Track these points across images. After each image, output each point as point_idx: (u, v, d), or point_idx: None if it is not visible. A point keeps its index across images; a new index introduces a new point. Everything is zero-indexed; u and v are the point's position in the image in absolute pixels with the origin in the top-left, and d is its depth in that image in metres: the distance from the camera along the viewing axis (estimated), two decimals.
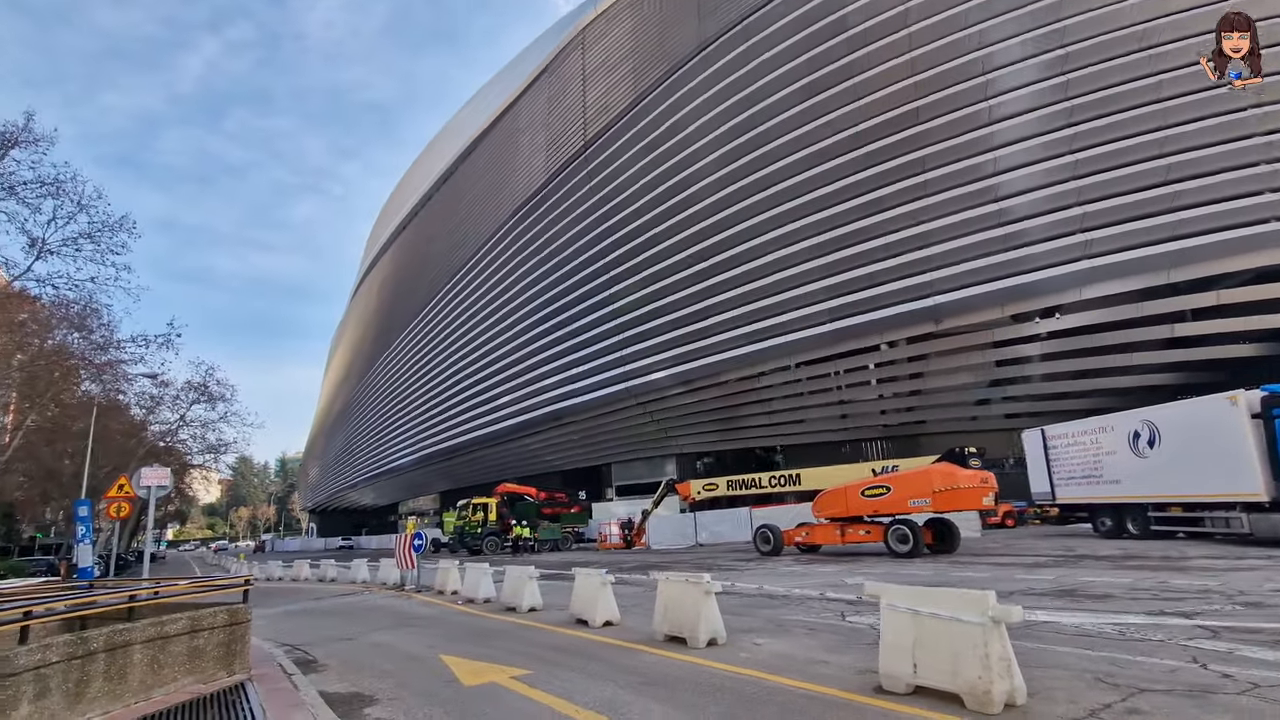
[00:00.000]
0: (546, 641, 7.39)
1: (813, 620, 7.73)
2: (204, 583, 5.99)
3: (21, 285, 23.10)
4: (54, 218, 22.62)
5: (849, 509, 17.09)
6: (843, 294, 29.60)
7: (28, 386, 34.71)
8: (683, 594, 6.75)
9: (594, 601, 8.21)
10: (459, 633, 8.56)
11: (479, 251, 53.01)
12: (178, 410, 37.53)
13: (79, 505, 15.21)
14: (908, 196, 27.60)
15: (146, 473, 10.83)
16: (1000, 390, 31.12)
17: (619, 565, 19.42)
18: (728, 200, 33.38)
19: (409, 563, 15.22)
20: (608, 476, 48.89)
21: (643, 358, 37.98)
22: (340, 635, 9.06)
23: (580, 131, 42.01)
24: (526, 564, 11.73)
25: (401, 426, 66.54)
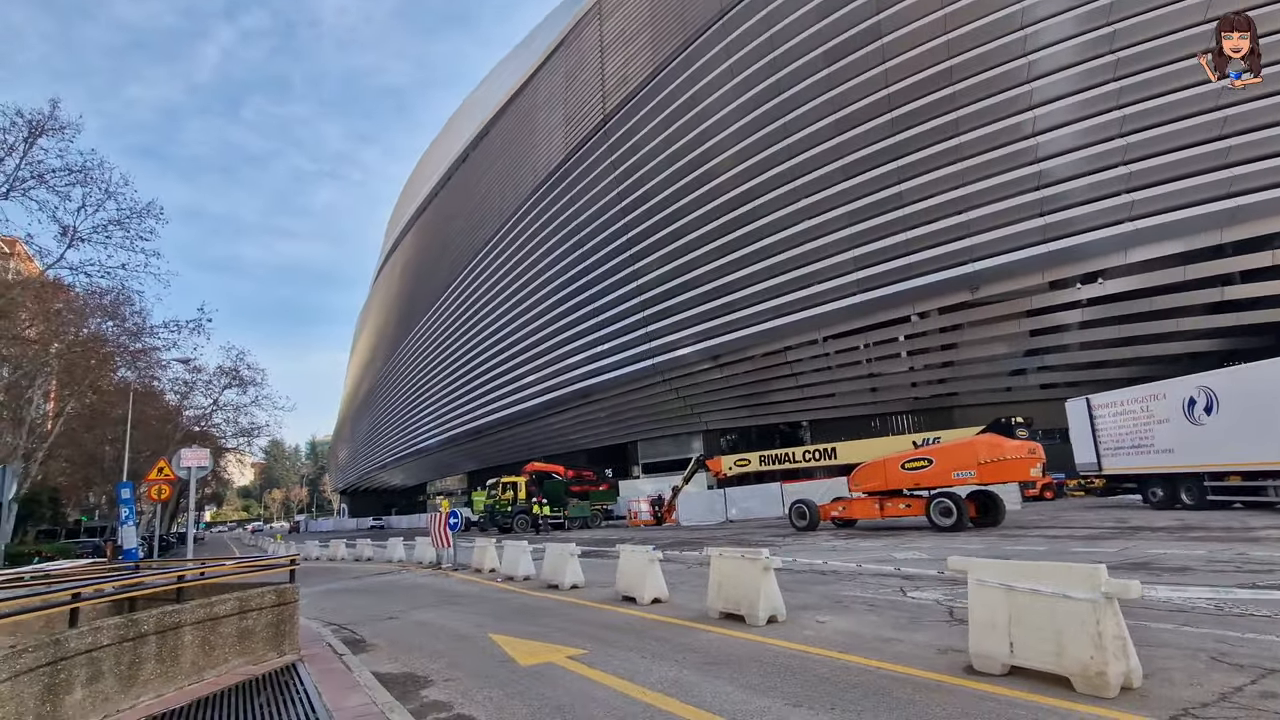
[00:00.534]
0: (596, 619, 7.19)
1: (870, 596, 7.43)
2: (250, 563, 5.86)
3: (55, 274, 23.29)
4: (83, 205, 22.73)
5: (888, 482, 16.69)
6: (873, 264, 28.83)
7: (66, 374, 35.53)
8: (738, 570, 6.48)
9: (641, 578, 7.99)
10: (504, 611, 8.42)
11: (500, 230, 52.73)
12: (210, 395, 38.12)
13: (121, 488, 15.41)
14: (942, 160, 26.62)
15: (186, 454, 10.82)
16: (1036, 360, 30.26)
17: (654, 542, 19.29)
18: (753, 170, 32.57)
19: (445, 541, 15.20)
20: (634, 454, 48.88)
21: (668, 333, 37.58)
22: (385, 614, 8.98)
23: (599, 104, 41.23)
24: (565, 541, 11.57)
25: (428, 407, 67.14)
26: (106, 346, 32.00)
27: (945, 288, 27.31)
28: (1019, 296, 27.50)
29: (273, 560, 5.94)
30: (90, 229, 23.01)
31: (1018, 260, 25.46)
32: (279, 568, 6.01)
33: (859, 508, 17.56)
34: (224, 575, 5.49)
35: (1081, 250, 24.59)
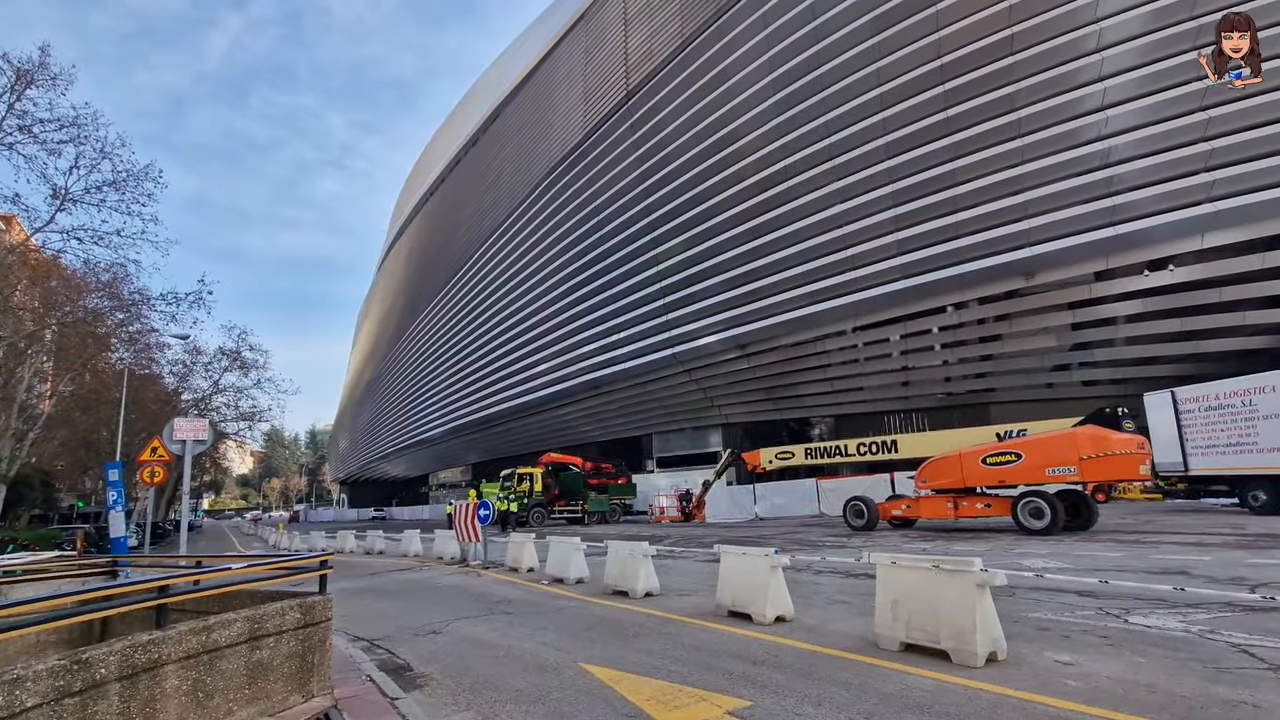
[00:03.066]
0: (716, 645, 5.46)
1: (1076, 621, 5.69)
2: (268, 564, 4.12)
3: (45, 238, 21.54)
4: (75, 165, 21.00)
5: (965, 479, 14.96)
6: (917, 248, 27.03)
7: (61, 354, 33.87)
8: (928, 587, 4.74)
9: (760, 590, 6.25)
10: (575, 625, 6.69)
11: (512, 214, 50.88)
12: (210, 377, 36.39)
13: (109, 468, 13.69)
14: (999, 137, 24.78)
15: (181, 424, 9.05)
16: (1082, 355, 28.48)
17: (692, 540, 17.59)
18: (787, 148, 30.74)
19: (473, 535, 13.48)
20: (648, 448, 47.17)
21: (690, 321, 35.79)
22: (423, 625, 7.25)
23: (621, 81, 39.35)
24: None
25: (432, 397, 65.40)
26: (103, 326, 30.39)
27: (997, 274, 25.51)
28: (1074, 285, 25.73)
29: (296, 561, 4.20)
30: (83, 190, 21.30)
31: (1080, 245, 23.66)
32: (306, 572, 4.29)
33: (928, 506, 15.83)
34: (229, 583, 3.78)
35: (1152, 234, 22.78)
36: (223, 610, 4.42)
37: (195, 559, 5.32)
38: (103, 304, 27.56)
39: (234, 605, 4.40)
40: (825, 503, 25.84)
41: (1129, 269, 24.70)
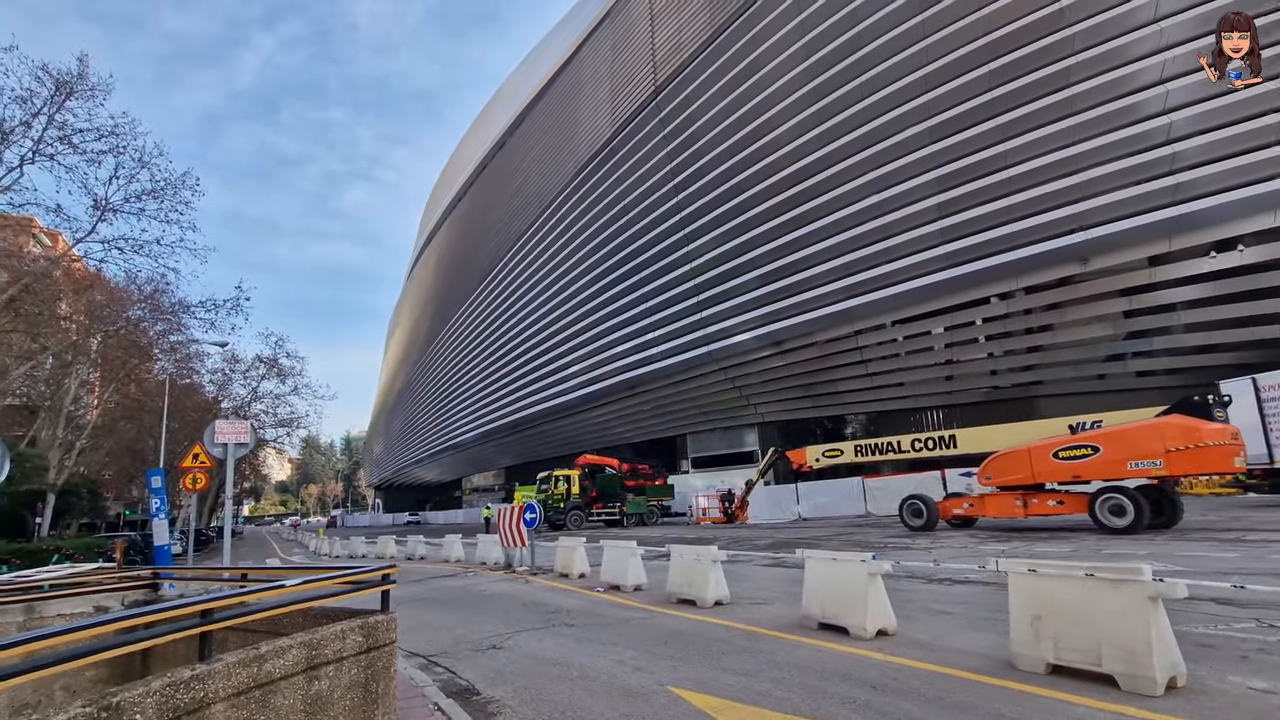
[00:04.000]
0: (817, 663, 4.83)
1: (1243, 636, 4.92)
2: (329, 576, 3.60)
3: (86, 248, 21.76)
4: (115, 175, 21.18)
5: (1035, 474, 14.03)
6: (962, 236, 25.94)
7: (105, 366, 34.57)
8: (1078, 598, 4.04)
9: (856, 601, 5.59)
10: (648, 639, 6.11)
11: (541, 216, 50.68)
12: (249, 384, 36.76)
13: (151, 475, 13.53)
14: (1049, 116, 23.63)
15: (222, 426, 8.66)
16: (1138, 343, 27.00)
17: (743, 542, 16.90)
18: (823, 137, 29.85)
19: (519, 539, 13.00)
20: (683, 448, 46.47)
21: (725, 318, 35.06)
22: (482, 639, 6.74)
23: (649, 76, 38.79)
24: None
25: (464, 402, 65.60)
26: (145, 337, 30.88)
27: (1050, 260, 24.31)
28: (1130, 270, 24.41)
29: (357, 575, 3.68)
30: (122, 199, 21.47)
31: (1140, 226, 22.38)
32: (368, 587, 3.76)
33: (993, 504, 14.91)
34: (285, 603, 3.27)
35: (1215, 214, 21.44)
36: (273, 633, 3.93)
37: (241, 571, 4.86)
38: (144, 314, 27.92)
39: (285, 626, 3.90)
40: (873, 502, 24.91)
41: (1184, 252, 23.31)
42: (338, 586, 3.65)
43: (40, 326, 23.12)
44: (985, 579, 8.05)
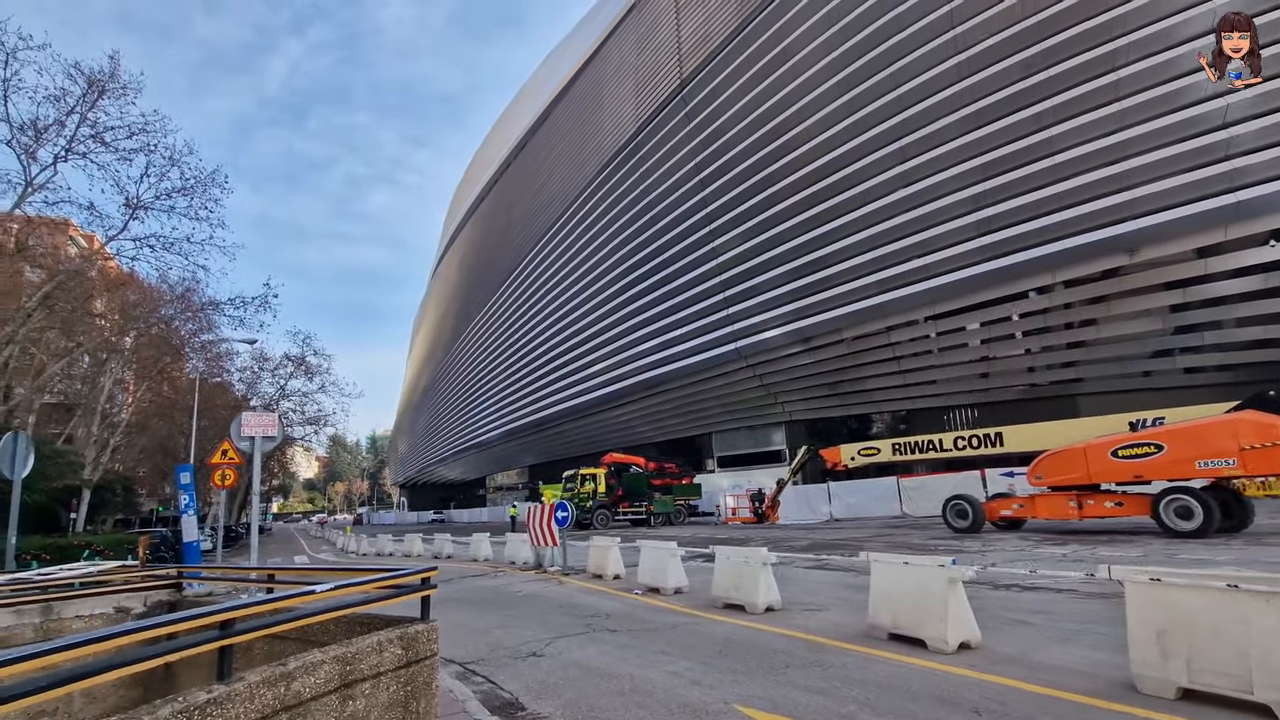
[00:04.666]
0: (900, 681, 4.33)
1: None
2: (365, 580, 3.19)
3: (118, 245, 21.92)
4: (146, 172, 21.31)
5: (1091, 474, 13.29)
6: (1001, 227, 25.03)
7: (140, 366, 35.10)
8: (1216, 612, 3.49)
9: (934, 609, 5.07)
10: (701, 648, 5.65)
11: (565, 213, 50.43)
12: (277, 383, 36.99)
13: (180, 471, 13.39)
14: (1094, 101, 22.64)
15: (249, 419, 8.34)
16: (1193, 338, 25.83)
17: (779, 543, 16.35)
18: (855, 128, 29.08)
19: (549, 539, 12.62)
20: (708, 447, 45.88)
21: (752, 315, 34.43)
22: (519, 644, 6.34)
23: (675, 70, 38.27)
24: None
25: (487, 400, 65.69)
26: (176, 337, 31.26)
27: (1095, 251, 23.31)
28: (1178, 262, 23.34)
29: (395, 579, 3.27)
30: (153, 197, 21.59)
31: (1193, 215, 21.33)
32: (406, 592, 3.35)
33: (1045, 505, 14.19)
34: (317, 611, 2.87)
35: (1275, 201, 20.34)
36: (303, 640, 3.56)
37: (268, 572, 4.50)
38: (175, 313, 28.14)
39: (316, 634, 3.52)
40: (908, 503, 24.15)
41: (1237, 243, 22.20)
42: (375, 592, 3.25)
43: (75, 324, 23.37)
44: (1056, 585, 7.45)
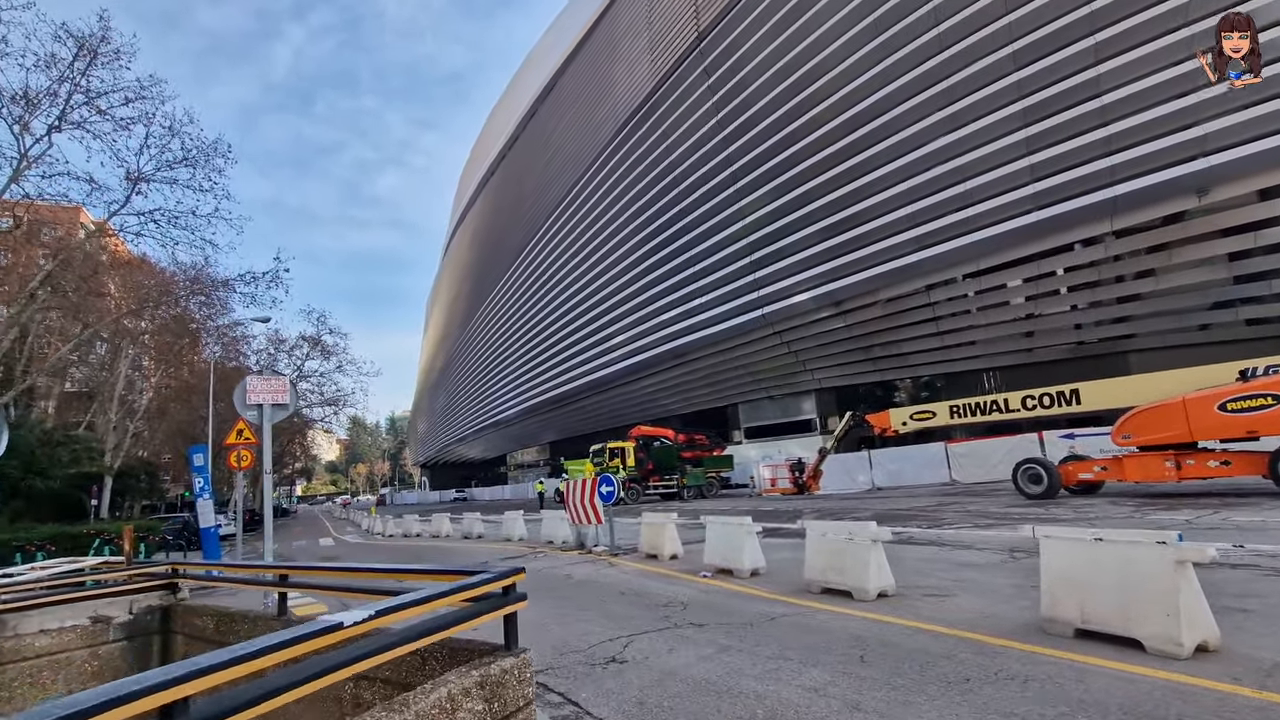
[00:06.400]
0: (1150, 703, 3.13)
1: None
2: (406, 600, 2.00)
3: (121, 221, 20.91)
4: (145, 144, 20.20)
5: (1192, 431, 11.93)
6: (1056, 171, 23.28)
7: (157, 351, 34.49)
8: None
9: (1152, 600, 3.85)
10: (825, 650, 4.49)
11: (579, 181, 48.80)
12: (293, 364, 36.20)
13: (193, 452, 12.45)
14: (1157, 29, 20.74)
15: (255, 384, 7.19)
16: (1261, 286, 24.03)
17: (833, 514, 15.21)
18: (886, 75, 27.24)
19: (594, 516, 11.53)
20: (735, 418, 44.71)
21: (780, 279, 32.96)
22: (590, 645, 5.23)
23: (691, 22, 36.29)
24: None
25: (505, 378, 64.86)
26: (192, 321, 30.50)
27: (1160, 194, 21.57)
28: (1240, 205, 21.55)
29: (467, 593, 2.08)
30: (154, 169, 20.50)
31: (1272, 149, 19.50)
32: (485, 611, 2.16)
33: (1135, 467, 12.85)
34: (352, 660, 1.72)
35: None
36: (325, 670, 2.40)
37: (281, 571, 3.37)
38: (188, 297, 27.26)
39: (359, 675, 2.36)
40: (957, 469, 22.87)
41: None
42: (439, 616, 2.08)
43: (81, 306, 22.53)
44: (1255, 561, 6.21)
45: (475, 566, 2.35)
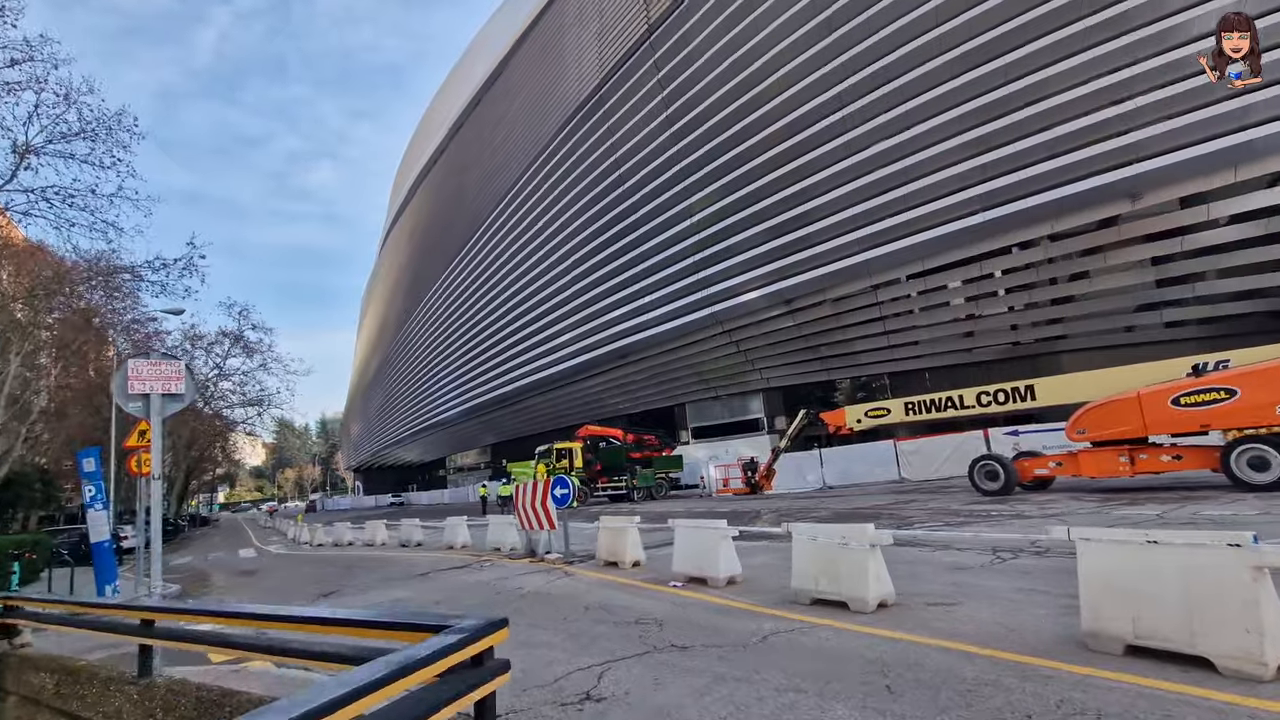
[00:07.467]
0: None
1: None
2: (366, 683, 1.16)
3: (6, 198, 18.59)
4: (35, 112, 18.03)
5: (1146, 425, 12.01)
6: (997, 175, 23.74)
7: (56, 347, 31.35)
8: None
9: (1223, 609, 3.31)
10: (848, 679, 3.81)
11: (524, 174, 47.44)
12: (212, 361, 33.51)
13: (82, 457, 10.86)
14: (1098, 36, 21.37)
15: (139, 368, 5.80)
16: (1183, 289, 25.20)
17: (792, 514, 14.76)
18: (837, 73, 27.29)
19: (545, 521, 10.63)
20: (682, 418, 44.30)
21: (729, 277, 32.70)
22: (557, 676, 4.39)
23: (641, 14, 35.63)
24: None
25: (445, 378, 62.67)
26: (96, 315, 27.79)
27: (1096, 197, 22.23)
28: (1178, 210, 22.49)
29: (416, 660, 1.24)
30: (45, 141, 18.34)
31: (1203, 155, 20.33)
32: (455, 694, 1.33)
33: (1090, 462, 12.90)
34: None
35: None
36: None
37: (146, 616, 2.41)
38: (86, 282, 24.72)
39: None
40: (906, 467, 23.03)
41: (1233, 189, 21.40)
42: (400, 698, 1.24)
43: None
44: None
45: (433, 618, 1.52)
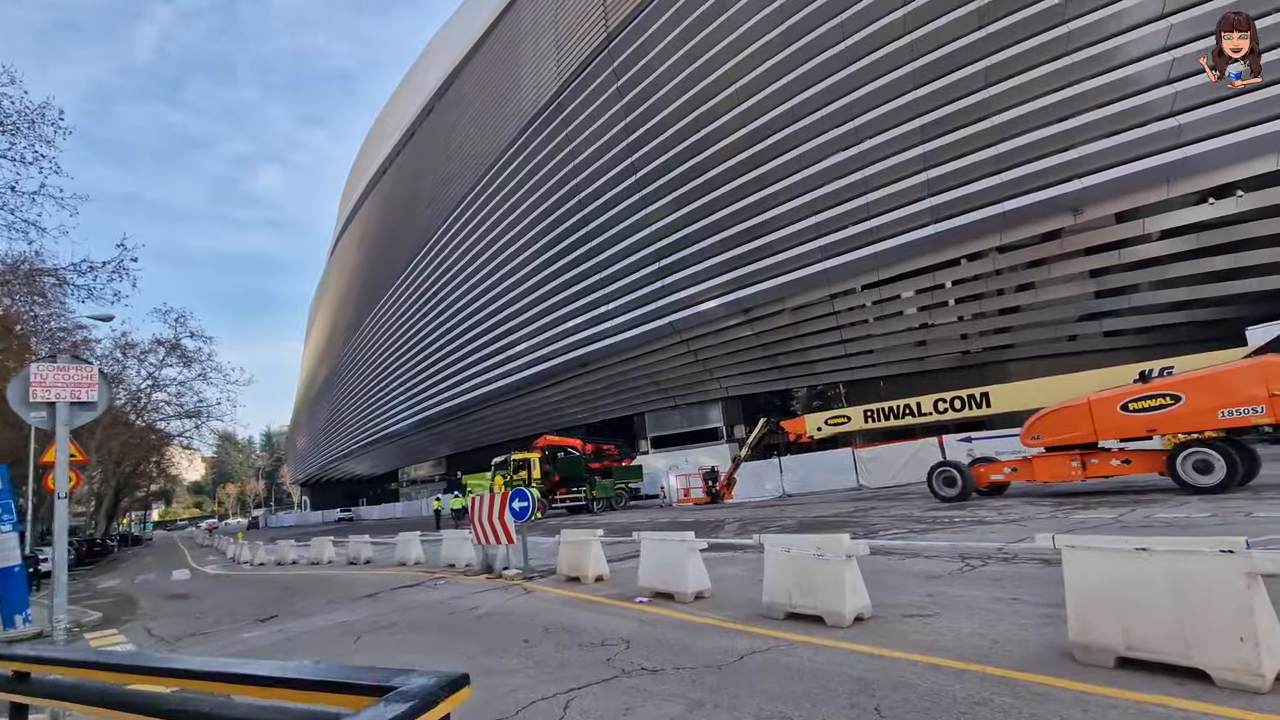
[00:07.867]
0: None
1: None
2: None
3: None
4: None
5: (1097, 431, 12.29)
6: (952, 187, 24.39)
7: None
8: None
9: (1217, 618, 3.19)
10: (833, 704, 3.55)
11: (480, 183, 46.68)
12: (146, 371, 31.57)
13: None
14: (1043, 56, 22.19)
15: (42, 373, 5.07)
16: (1121, 300, 26.32)
17: (754, 524, 14.61)
18: (794, 86, 27.68)
19: (504, 535, 10.16)
20: (641, 428, 44.07)
21: (687, 286, 32.72)
22: (518, 711, 4.01)
23: (600, 22, 35.54)
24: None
25: (397, 388, 60.98)
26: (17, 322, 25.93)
27: (1041, 211, 23.03)
28: (1118, 223, 23.48)
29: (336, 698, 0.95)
30: None
31: (1139, 172, 21.25)
32: None
33: (1043, 467, 13.14)
34: None
35: (1216, 158, 20.49)
36: None
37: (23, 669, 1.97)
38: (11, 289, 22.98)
39: None
40: (864, 474, 23.22)
41: (1169, 204, 22.48)
42: None
43: None
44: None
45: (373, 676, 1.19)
